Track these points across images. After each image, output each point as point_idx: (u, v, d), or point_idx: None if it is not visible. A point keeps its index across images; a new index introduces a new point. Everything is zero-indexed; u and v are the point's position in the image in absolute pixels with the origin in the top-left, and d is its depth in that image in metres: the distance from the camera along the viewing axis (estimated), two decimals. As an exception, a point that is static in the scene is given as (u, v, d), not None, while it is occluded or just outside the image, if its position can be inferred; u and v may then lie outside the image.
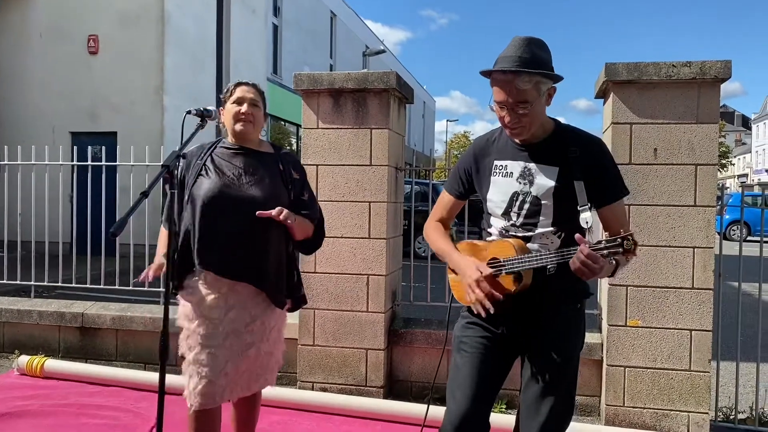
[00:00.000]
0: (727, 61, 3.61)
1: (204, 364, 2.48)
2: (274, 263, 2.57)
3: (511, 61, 2.04)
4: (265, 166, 2.60)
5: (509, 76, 2.03)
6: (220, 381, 2.49)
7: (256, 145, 2.67)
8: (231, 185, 2.51)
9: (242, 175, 2.55)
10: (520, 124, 2.08)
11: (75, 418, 3.74)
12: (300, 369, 4.29)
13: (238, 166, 2.57)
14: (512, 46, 2.07)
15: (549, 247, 2.12)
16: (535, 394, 2.14)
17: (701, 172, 3.69)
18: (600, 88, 4.01)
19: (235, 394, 2.60)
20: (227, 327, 2.51)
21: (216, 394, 2.50)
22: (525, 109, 2.05)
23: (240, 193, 2.51)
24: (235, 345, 2.52)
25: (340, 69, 22.31)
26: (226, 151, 2.62)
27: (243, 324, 2.54)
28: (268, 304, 2.59)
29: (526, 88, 2.03)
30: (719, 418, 3.98)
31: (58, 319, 4.90)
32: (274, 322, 2.64)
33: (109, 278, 5.20)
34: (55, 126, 11.51)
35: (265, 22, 16.81)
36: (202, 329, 2.50)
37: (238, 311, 2.53)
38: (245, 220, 2.48)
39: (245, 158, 2.60)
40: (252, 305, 2.56)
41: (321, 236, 2.80)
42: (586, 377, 3.98)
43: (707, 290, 3.70)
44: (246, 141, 2.63)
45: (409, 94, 4.55)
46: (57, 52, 11.67)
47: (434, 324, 4.38)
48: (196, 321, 2.52)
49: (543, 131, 2.16)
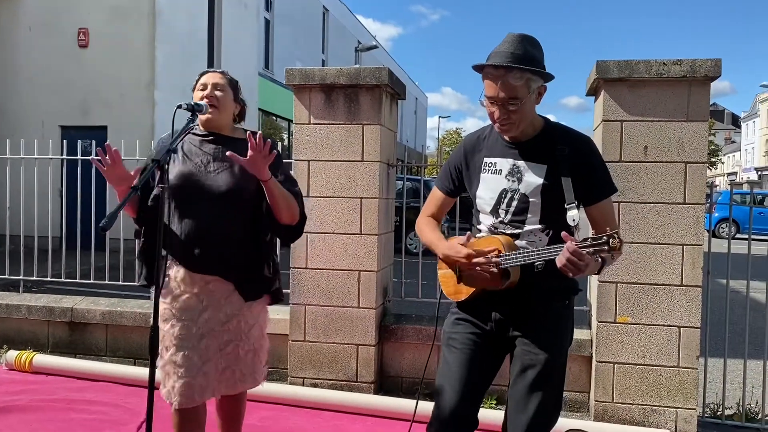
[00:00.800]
0: (717, 60, 3.63)
1: (179, 364, 2.43)
2: (241, 254, 2.49)
3: (504, 57, 2.04)
4: (236, 153, 2.48)
5: (501, 72, 2.04)
6: (198, 380, 2.44)
7: (229, 132, 2.59)
8: (196, 172, 2.46)
9: (210, 162, 2.49)
10: (509, 120, 2.09)
11: (64, 413, 3.73)
12: (291, 364, 4.29)
13: (206, 152, 2.51)
14: (506, 42, 2.08)
15: (537, 245, 2.14)
16: (523, 389, 2.15)
17: (691, 170, 3.71)
18: (591, 86, 4.02)
19: (218, 392, 2.55)
20: (203, 328, 2.46)
21: (194, 393, 2.45)
22: (515, 105, 2.05)
23: (205, 180, 2.45)
24: (212, 345, 2.47)
25: (332, 64, 22.25)
26: (196, 137, 2.56)
27: (219, 323, 2.49)
28: (243, 301, 2.52)
29: (516, 85, 2.04)
30: (707, 414, 4.02)
31: (47, 314, 4.88)
32: (253, 320, 2.57)
33: (98, 273, 5.18)
34: (45, 120, 11.43)
35: (256, 16, 16.73)
36: (176, 330, 2.45)
37: (212, 312, 2.47)
38: (211, 208, 2.43)
39: (215, 145, 2.53)
40: (226, 304, 2.49)
41: (303, 221, 2.64)
42: (575, 373, 4.01)
43: (696, 287, 3.73)
44: (215, 127, 2.56)
45: (401, 90, 4.55)
46: (46, 46, 11.59)
47: (425, 320, 4.39)
48: (170, 322, 2.46)
49: (532, 129, 2.17)
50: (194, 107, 2.43)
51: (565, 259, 1.91)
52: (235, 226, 2.47)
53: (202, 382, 2.46)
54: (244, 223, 2.49)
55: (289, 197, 2.50)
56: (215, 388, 2.52)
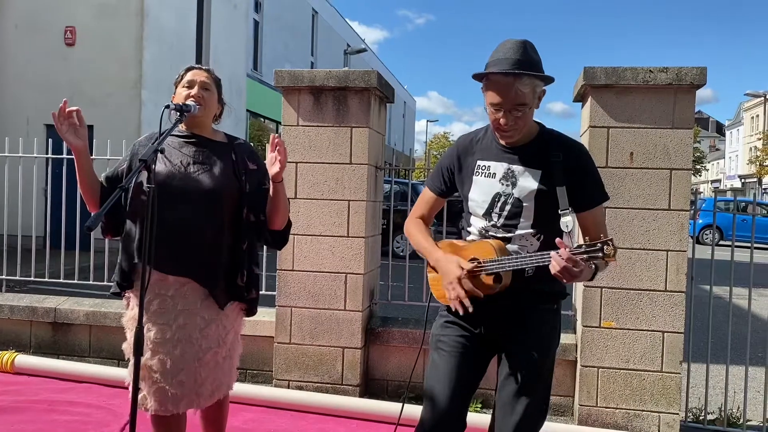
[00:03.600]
0: (702, 68, 3.67)
1: (154, 369, 2.38)
2: (216, 258, 2.43)
3: (510, 64, 2.04)
4: (217, 156, 2.48)
5: (510, 79, 2.03)
6: (173, 389, 2.38)
7: (209, 134, 2.54)
8: (177, 174, 2.40)
9: (190, 164, 2.42)
10: (515, 126, 2.09)
11: (46, 414, 3.69)
12: (276, 367, 4.27)
13: (187, 154, 2.45)
14: (508, 49, 2.07)
15: (528, 249, 2.15)
16: (510, 393, 2.16)
17: (676, 176, 3.74)
18: (578, 92, 4.05)
19: (198, 404, 2.47)
20: (178, 333, 2.39)
21: (168, 402, 2.38)
22: (522, 111, 2.06)
23: (186, 182, 2.39)
24: (188, 352, 2.39)
25: (321, 67, 22.26)
26: (176, 139, 2.47)
27: (197, 329, 2.41)
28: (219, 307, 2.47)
29: (525, 91, 2.04)
30: (689, 419, 4.05)
31: (30, 314, 4.83)
32: (230, 324, 2.52)
33: (83, 273, 5.13)
34: (30, 118, 11.31)
35: (245, 17, 16.70)
36: (151, 334, 2.38)
37: (188, 316, 2.40)
38: (188, 210, 2.37)
39: (196, 147, 2.47)
40: (203, 309, 2.42)
41: (290, 226, 2.66)
42: (560, 377, 4.02)
43: (680, 293, 3.76)
44: (197, 127, 2.50)
45: (390, 93, 4.56)
46: (33, 44, 11.47)
47: (411, 323, 4.40)
48: (146, 326, 2.38)
49: (528, 134, 2.18)
50: (182, 108, 2.39)
51: (560, 265, 1.92)
52: (213, 230, 2.42)
53: (177, 391, 2.39)
54: (221, 228, 2.44)
55: (288, 204, 2.52)
56: (193, 400, 2.44)
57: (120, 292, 2.54)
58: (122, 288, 2.52)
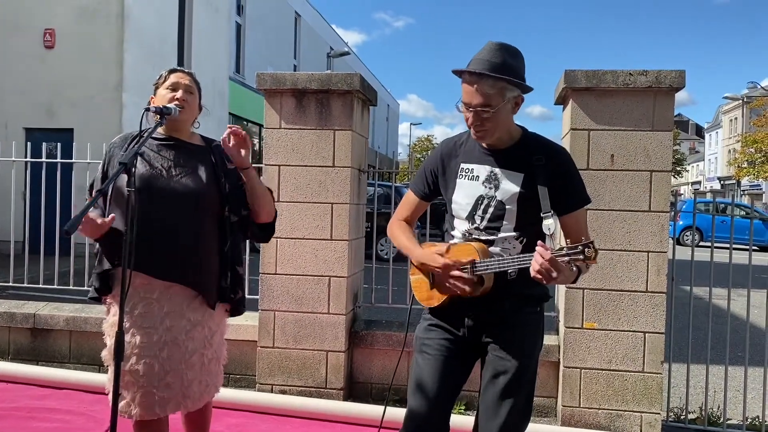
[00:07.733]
0: (681, 71, 3.72)
1: (141, 374, 2.35)
2: (200, 260, 2.42)
3: (481, 64, 2.06)
4: (197, 159, 2.47)
5: (475, 78, 2.06)
6: (161, 392, 2.36)
7: (187, 137, 2.53)
8: (159, 177, 2.38)
9: (172, 167, 2.41)
10: (482, 127, 2.11)
11: (25, 421, 3.64)
12: (259, 371, 4.25)
13: (167, 158, 2.43)
14: (485, 50, 2.10)
15: (510, 252, 2.16)
16: (494, 395, 2.16)
17: (656, 178, 3.78)
18: (559, 95, 4.08)
19: (185, 407, 2.45)
20: (165, 336, 2.37)
21: (155, 406, 2.36)
22: (488, 113, 2.07)
23: (168, 185, 2.38)
24: (174, 355, 2.37)
25: (303, 69, 22.20)
26: (154, 142, 2.45)
27: (183, 331, 2.40)
28: (207, 308, 2.46)
29: (490, 93, 2.05)
30: (671, 419, 4.09)
31: (9, 320, 4.76)
32: (215, 326, 2.52)
33: (63, 278, 5.07)
34: (8, 121, 11.17)
35: (228, 20, 16.62)
36: (137, 339, 2.35)
37: (174, 319, 2.39)
38: (174, 213, 2.36)
39: (175, 150, 2.46)
40: (189, 311, 2.41)
41: (275, 218, 2.64)
42: (543, 379, 4.04)
43: (661, 294, 3.80)
44: (176, 131, 2.49)
45: (373, 96, 4.56)
46: (11, 46, 11.32)
47: (395, 326, 4.39)
48: (131, 331, 2.36)
49: (510, 138, 2.20)
50: (163, 110, 2.37)
51: (540, 266, 1.93)
52: (196, 232, 2.41)
53: (165, 394, 2.37)
54: (205, 230, 2.43)
55: (267, 190, 2.52)
56: (180, 402, 2.43)
57: (98, 297, 2.50)
58: (100, 293, 2.48)
